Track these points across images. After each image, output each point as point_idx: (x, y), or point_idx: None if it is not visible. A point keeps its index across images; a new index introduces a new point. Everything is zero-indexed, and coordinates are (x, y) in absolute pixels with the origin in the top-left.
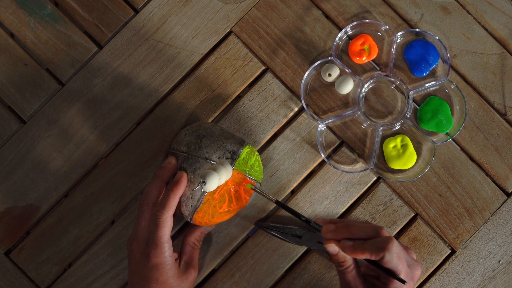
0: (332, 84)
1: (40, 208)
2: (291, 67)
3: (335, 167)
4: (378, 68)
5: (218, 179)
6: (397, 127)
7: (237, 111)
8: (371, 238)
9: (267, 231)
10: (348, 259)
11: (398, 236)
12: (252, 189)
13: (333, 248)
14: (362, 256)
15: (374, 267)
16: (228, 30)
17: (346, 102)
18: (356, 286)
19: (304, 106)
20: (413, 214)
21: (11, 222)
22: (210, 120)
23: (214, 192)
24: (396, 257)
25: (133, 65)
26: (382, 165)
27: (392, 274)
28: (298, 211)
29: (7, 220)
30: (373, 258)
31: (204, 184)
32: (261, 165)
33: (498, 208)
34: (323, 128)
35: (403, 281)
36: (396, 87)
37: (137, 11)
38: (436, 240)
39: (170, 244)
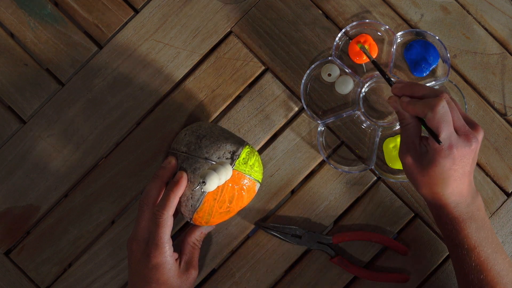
0: (332, 84)
1: (40, 208)
2: (291, 67)
3: (335, 167)
4: None
5: (218, 179)
6: (397, 127)
7: (237, 111)
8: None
9: (267, 231)
10: (407, 116)
11: (398, 236)
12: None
13: (393, 101)
14: (412, 112)
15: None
16: (228, 30)
17: (346, 102)
18: (413, 138)
19: (304, 106)
20: (413, 214)
21: (11, 222)
22: (210, 120)
23: (214, 192)
24: (439, 117)
25: (133, 65)
26: (382, 165)
27: (432, 133)
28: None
29: (7, 220)
30: (419, 114)
31: (204, 184)
32: (261, 165)
33: (498, 208)
34: (323, 128)
35: (438, 141)
36: None
37: (137, 11)
38: (436, 240)
39: (170, 244)
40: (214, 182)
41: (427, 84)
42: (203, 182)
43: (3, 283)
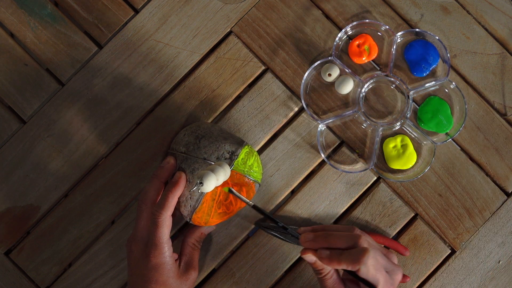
0: (332, 84)
1: (40, 208)
2: (291, 67)
3: (335, 167)
4: (378, 68)
5: (216, 180)
6: (397, 127)
7: (237, 111)
8: (349, 248)
9: (267, 231)
10: (326, 266)
11: (398, 236)
12: (229, 191)
13: (310, 257)
14: (338, 267)
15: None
16: (228, 30)
17: (346, 102)
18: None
19: (304, 106)
20: (413, 214)
21: (11, 222)
22: (210, 120)
23: (212, 192)
24: (372, 269)
25: (133, 65)
26: (382, 165)
27: (369, 285)
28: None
29: (7, 220)
30: (349, 269)
31: (201, 185)
32: (260, 165)
33: (498, 208)
34: (323, 128)
35: None
36: (396, 87)
37: (137, 11)
38: (436, 240)
39: (169, 244)
40: (211, 183)
41: (427, 84)
42: (200, 183)
43: (3, 283)
